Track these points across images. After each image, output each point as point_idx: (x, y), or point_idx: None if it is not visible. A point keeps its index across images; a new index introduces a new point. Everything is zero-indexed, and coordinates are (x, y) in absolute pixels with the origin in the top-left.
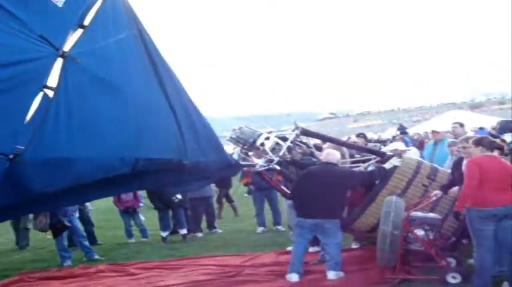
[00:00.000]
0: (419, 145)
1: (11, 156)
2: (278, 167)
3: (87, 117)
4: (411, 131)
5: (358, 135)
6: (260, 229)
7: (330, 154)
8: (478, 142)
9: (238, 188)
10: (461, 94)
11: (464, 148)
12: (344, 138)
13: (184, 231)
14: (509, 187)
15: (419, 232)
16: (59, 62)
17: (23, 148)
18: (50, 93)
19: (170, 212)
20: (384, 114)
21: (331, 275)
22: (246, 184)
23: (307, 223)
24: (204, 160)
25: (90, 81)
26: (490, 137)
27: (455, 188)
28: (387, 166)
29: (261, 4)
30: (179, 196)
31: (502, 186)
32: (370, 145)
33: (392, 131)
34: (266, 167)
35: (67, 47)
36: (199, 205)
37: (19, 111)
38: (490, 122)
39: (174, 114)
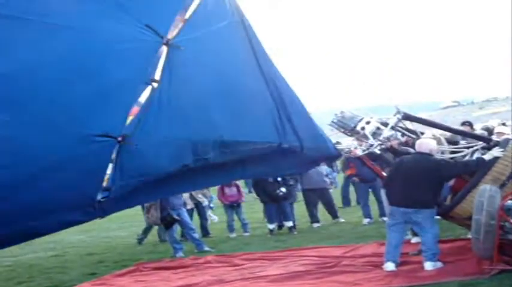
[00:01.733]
0: None
1: (119, 138)
2: (378, 152)
3: (189, 102)
4: None
5: (463, 124)
6: (366, 221)
7: (423, 144)
8: None
9: None
10: None
11: None
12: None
13: (290, 223)
14: None
15: None
16: (163, 50)
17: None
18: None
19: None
20: None
21: (428, 266)
22: (350, 176)
23: (399, 212)
24: (299, 144)
25: (193, 67)
26: None
27: None
28: (487, 157)
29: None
30: (284, 189)
31: None
32: (477, 131)
33: None
34: (366, 152)
35: (171, 35)
36: (311, 195)
37: (127, 94)
38: None
39: (273, 100)
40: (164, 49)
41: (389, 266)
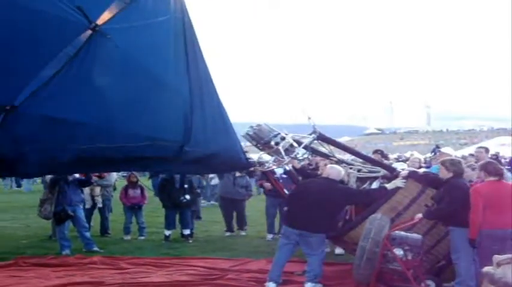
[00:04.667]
0: None
1: (8, 107)
2: (287, 168)
3: (93, 90)
4: (457, 154)
5: (375, 152)
6: (270, 237)
7: (333, 169)
8: (483, 167)
9: None
10: None
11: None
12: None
13: (187, 231)
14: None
15: (398, 252)
16: (87, 34)
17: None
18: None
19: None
20: (432, 135)
21: (308, 286)
22: (261, 186)
23: (293, 233)
24: (203, 151)
25: (114, 57)
26: (496, 163)
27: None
28: (390, 186)
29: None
30: (188, 197)
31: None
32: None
33: None
34: (273, 168)
35: (101, 20)
36: (225, 204)
37: (32, 66)
38: None
39: (191, 102)
40: (88, 33)
41: (271, 285)
